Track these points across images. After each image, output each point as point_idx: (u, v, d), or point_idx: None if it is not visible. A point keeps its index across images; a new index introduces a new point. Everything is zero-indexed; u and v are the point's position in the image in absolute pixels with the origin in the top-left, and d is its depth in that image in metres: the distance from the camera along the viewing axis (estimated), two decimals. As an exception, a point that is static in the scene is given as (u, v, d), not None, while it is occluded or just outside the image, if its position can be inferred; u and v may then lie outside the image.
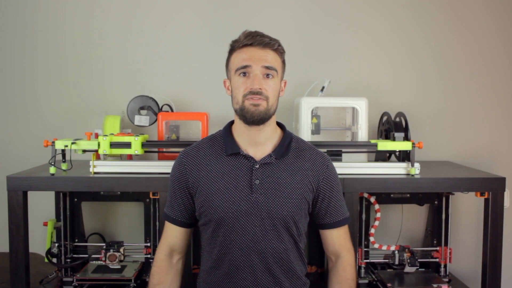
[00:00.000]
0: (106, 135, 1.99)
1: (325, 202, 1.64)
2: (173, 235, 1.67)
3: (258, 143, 1.60)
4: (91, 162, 2.00)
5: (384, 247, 2.19)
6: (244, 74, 1.54)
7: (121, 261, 2.08)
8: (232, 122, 1.66)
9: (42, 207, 2.36)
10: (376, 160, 2.22)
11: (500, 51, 2.49)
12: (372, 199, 2.19)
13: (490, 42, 2.49)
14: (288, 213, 1.57)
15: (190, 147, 1.66)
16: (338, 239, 1.68)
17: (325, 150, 2.05)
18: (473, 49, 2.49)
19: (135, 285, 2.10)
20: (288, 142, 1.63)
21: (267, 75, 1.54)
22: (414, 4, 2.47)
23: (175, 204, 1.65)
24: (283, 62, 1.61)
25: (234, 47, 1.57)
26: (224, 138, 1.63)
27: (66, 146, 1.96)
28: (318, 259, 2.24)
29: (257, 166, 1.57)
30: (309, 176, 1.61)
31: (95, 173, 1.99)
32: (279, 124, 1.68)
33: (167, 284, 1.65)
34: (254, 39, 1.54)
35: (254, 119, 1.54)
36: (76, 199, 2.29)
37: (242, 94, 1.54)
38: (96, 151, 1.99)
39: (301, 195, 1.59)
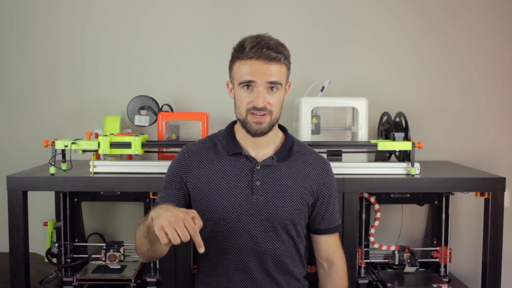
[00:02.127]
0: (106, 135, 1.99)
1: (323, 207, 1.64)
2: None
3: (260, 146, 1.60)
4: (91, 162, 2.00)
5: (384, 247, 2.19)
6: (248, 86, 1.51)
7: (121, 261, 2.08)
8: (234, 122, 1.65)
9: (42, 207, 2.36)
10: (376, 160, 2.22)
11: (501, 51, 2.49)
12: (372, 199, 2.19)
13: (491, 43, 2.49)
14: (288, 216, 1.56)
15: (193, 144, 1.65)
16: (332, 245, 1.67)
17: (325, 150, 2.05)
18: (473, 49, 2.49)
19: (135, 285, 2.10)
20: (290, 145, 1.62)
21: (271, 88, 1.51)
22: (414, 3, 2.47)
23: (167, 196, 1.60)
24: (289, 69, 1.56)
25: (239, 56, 1.50)
26: (226, 138, 1.62)
27: (66, 146, 1.96)
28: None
29: (258, 168, 1.57)
30: (310, 180, 1.61)
31: (95, 173, 1.99)
32: (281, 127, 1.67)
33: None
34: (259, 53, 1.46)
35: (258, 135, 1.54)
36: (76, 199, 2.29)
37: (245, 108, 1.51)
38: (96, 151, 1.99)
39: (302, 198, 1.59)
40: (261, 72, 1.48)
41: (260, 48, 1.47)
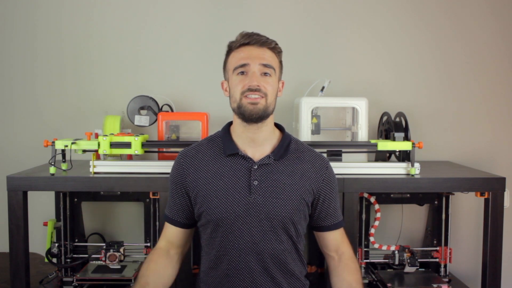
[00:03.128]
0: (106, 135, 1.99)
1: (325, 204, 1.64)
2: (171, 234, 1.66)
3: (257, 143, 1.60)
4: (91, 162, 2.00)
5: (384, 247, 2.19)
6: (242, 73, 1.55)
7: (121, 261, 2.08)
8: (230, 123, 1.66)
9: (42, 207, 2.37)
10: (376, 160, 2.22)
11: (500, 51, 2.49)
12: (372, 199, 2.19)
13: (491, 42, 2.49)
14: (287, 215, 1.56)
15: (189, 148, 1.66)
16: (339, 237, 1.68)
17: (325, 150, 2.05)
18: (473, 49, 2.49)
19: (135, 285, 2.10)
20: (287, 144, 1.63)
21: (265, 73, 1.55)
22: (414, 3, 2.47)
23: (173, 205, 1.65)
24: (280, 63, 1.62)
25: (232, 47, 1.59)
26: (223, 139, 1.62)
27: (66, 146, 1.96)
28: (318, 259, 2.23)
29: (256, 167, 1.57)
30: (309, 178, 1.61)
31: (95, 173, 1.99)
32: (278, 126, 1.67)
33: (159, 264, 1.61)
34: (251, 38, 1.55)
35: (253, 117, 1.54)
36: (76, 199, 2.29)
37: (240, 91, 1.54)
38: (96, 151, 1.99)
39: (300, 196, 1.59)
40: (254, 55, 1.54)
41: (251, 35, 1.56)
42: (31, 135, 2.45)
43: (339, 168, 1.98)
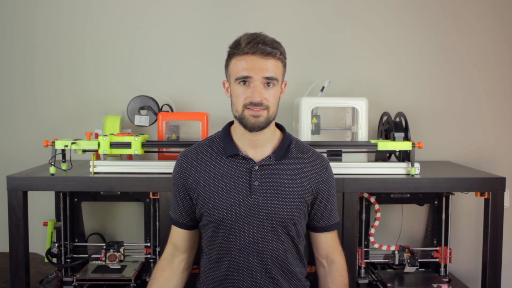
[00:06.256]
0: (106, 135, 1.99)
1: (322, 205, 1.64)
2: (177, 237, 1.67)
3: (258, 145, 1.59)
4: (91, 162, 2.00)
5: (384, 247, 2.19)
6: (244, 82, 1.52)
7: (121, 261, 2.08)
8: (231, 123, 1.65)
9: (42, 207, 2.37)
10: (376, 160, 2.22)
11: (500, 51, 2.49)
12: (372, 199, 2.19)
13: (491, 42, 2.49)
14: (287, 215, 1.56)
15: (189, 149, 1.66)
16: (331, 242, 1.67)
17: (325, 150, 2.05)
18: (473, 49, 2.49)
19: (135, 285, 2.10)
20: (287, 144, 1.62)
21: (268, 83, 1.52)
22: (414, 3, 2.47)
23: (176, 207, 1.65)
24: (284, 66, 1.58)
25: (235, 52, 1.52)
26: (223, 140, 1.62)
27: (66, 146, 1.96)
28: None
29: (256, 168, 1.57)
30: (309, 178, 1.61)
31: (95, 173, 1.99)
32: (278, 126, 1.67)
33: (161, 280, 1.63)
34: (255, 48, 1.49)
35: (255, 129, 1.54)
36: (76, 199, 2.29)
37: (242, 103, 1.52)
38: (96, 151, 1.99)
39: (301, 196, 1.59)
40: (258, 67, 1.49)
41: (256, 43, 1.49)
42: (31, 135, 2.45)
43: (339, 168, 1.98)
